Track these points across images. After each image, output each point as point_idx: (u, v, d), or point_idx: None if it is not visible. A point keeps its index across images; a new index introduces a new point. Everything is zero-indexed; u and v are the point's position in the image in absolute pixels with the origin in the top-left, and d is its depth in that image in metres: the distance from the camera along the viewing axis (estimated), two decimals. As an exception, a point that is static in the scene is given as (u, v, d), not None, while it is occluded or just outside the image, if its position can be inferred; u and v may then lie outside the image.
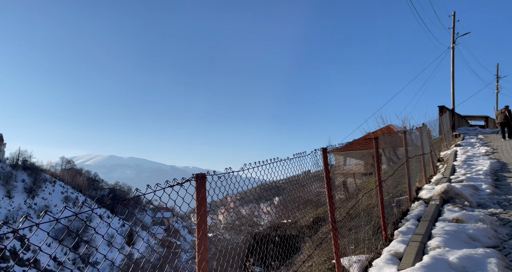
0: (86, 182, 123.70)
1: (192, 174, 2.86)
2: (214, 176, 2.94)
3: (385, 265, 4.21)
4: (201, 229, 2.84)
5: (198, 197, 2.92)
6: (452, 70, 25.92)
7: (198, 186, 2.89)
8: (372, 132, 21.67)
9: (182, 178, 2.73)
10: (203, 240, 2.75)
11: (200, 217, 2.86)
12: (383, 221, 5.69)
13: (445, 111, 22.46)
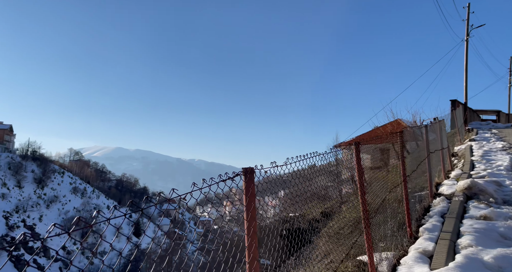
0: (94, 173, 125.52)
1: (242, 168, 2.76)
2: (261, 170, 2.85)
3: (415, 263, 4.11)
4: (252, 227, 2.68)
5: (248, 192, 2.78)
6: (465, 63, 25.36)
7: (248, 181, 2.76)
8: (381, 126, 21.40)
9: (233, 172, 2.66)
10: (254, 238, 2.62)
11: (250, 214, 2.72)
12: (407, 218, 5.54)
13: (457, 105, 22.08)
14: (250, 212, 2.70)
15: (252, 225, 2.63)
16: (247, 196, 2.75)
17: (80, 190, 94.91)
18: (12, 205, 71.92)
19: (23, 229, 68.92)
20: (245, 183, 2.70)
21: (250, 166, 2.69)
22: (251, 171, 2.68)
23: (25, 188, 79.09)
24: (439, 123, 10.76)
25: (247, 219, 2.68)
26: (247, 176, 2.69)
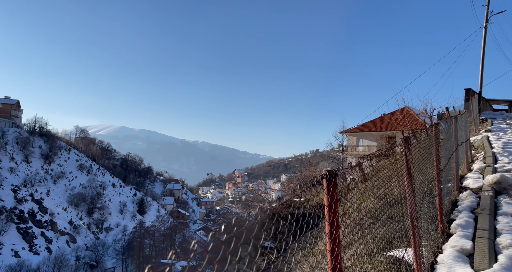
0: (99, 151, 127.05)
1: (325, 170, 2.47)
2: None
3: (455, 263, 3.96)
4: (337, 235, 2.40)
5: (331, 199, 2.42)
6: (482, 51, 24.55)
7: (332, 185, 2.42)
8: (390, 113, 21.13)
9: (314, 177, 2.36)
10: (339, 248, 2.37)
11: (331, 224, 2.39)
12: (440, 213, 5.38)
13: (472, 94, 21.56)
14: (333, 221, 2.38)
15: (337, 234, 2.40)
16: (328, 205, 2.40)
17: (86, 167, 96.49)
18: (20, 179, 73.55)
19: (31, 203, 70.82)
20: (326, 188, 2.36)
21: (332, 169, 2.40)
22: (334, 174, 2.37)
23: (32, 163, 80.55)
24: (464, 114, 10.49)
25: (328, 229, 2.40)
26: (329, 180, 2.39)
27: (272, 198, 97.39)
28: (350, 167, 2.99)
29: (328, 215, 2.44)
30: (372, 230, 5.08)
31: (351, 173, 3.06)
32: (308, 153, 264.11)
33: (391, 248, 4.71)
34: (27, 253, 59.88)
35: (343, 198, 3.10)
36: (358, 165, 3.43)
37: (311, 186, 2.40)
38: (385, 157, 9.33)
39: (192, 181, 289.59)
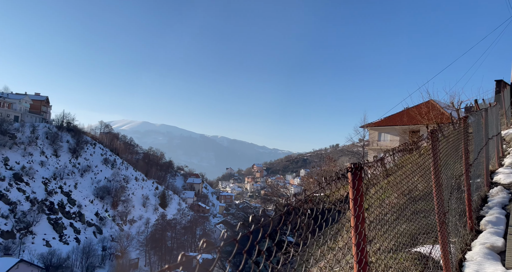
0: (122, 146, 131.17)
1: (350, 163, 2.45)
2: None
3: (485, 260, 3.84)
4: (363, 229, 2.36)
5: (357, 192, 2.37)
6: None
7: (357, 179, 2.37)
8: (413, 106, 20.43)
9: (339, 170, 2.37)
10: (364, 242, 2.34)
11: (356, 218, 2.35)
12: (468, 209, 5.22)
13: (503, 85, 20.43)
14: (358, 214, 2.35)
15: (363, 228, 2.37)
16: (356, 196, 2.36)
17: (110, 161, 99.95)
18: (50, 172, 77.30)
19: (61, 195, 74.36)
20: (352, 182, 2.33)
21: (358, 162, 2.35)
22: (360, 167, 2.31)
23: (61, 157, 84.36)
24: (496, 106, 9.98)
25: (353, 223, 2.36)
26: (354, 173, 2.35)
27: (291, 193, 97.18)
28: (376, 160, 2.89)
29: (353, 209, 2.39)
30: (396, 226, 4.93)
31: (375, 168, 2.96)
32: (328, 148, 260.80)
33: (416, 244, 4.57)
34: (58, 242, 63.09)
35: (368, 193, 3.00)
36: (382, 158, 3.32)
37: (336, 179, 2.35)
38: (409, 152, 8.94)
39: (212, 175, 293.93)
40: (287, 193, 74.17)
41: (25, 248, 56.03)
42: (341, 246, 4.66)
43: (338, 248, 3.75)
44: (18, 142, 75.53)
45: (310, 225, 2.75)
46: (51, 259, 52.40)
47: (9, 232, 57.71)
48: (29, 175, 71.47)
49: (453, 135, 5.78)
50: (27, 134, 79.63)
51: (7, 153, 71.52)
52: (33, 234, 60.88)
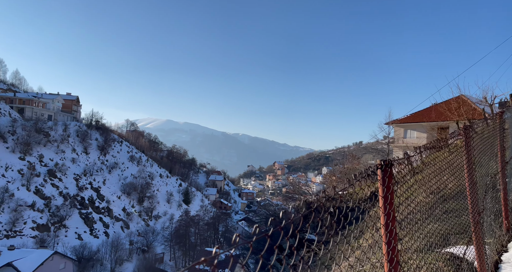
0: (147, 143, 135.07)
1: (379, 160, 2.41)
2: None
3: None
4: (393, 227, 2.30)
5: (387, 190, 2.32)
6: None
7: (387, 176, 2.31)
8: (442, 102, 19.59)
9: (369, 168, 2.34)
10: (395, 241, 2.29)
11: (387, 216, 2.30)
12: (504, 210, 5.05)
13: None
14: (388, 213, 2.30)
15: (393, 226, 2.32)
16: (387, 194, 2.32)
17: (136, 159, 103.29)
18: (81, 169, 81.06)
19: (91, 191, 77.85)
20: (382, 179, 2.28)
21: (388, 158, 2.30)
22: (390, 164, 2.26)
23: (90, 154, 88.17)
24: None
25: (383, 221, 2.32)
26: (384, 170, 2.29)
27: (313, 190, 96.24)
28: (406, 157, 2.83)
29: (383, 207, 2.36)
30: (425, 225, 4.76)
31: (405, 165, 2.90)
32: (351, 146, 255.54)
33: (447, 244, 4.40)
34: (88, 236, 66.18)
35: (395, 191, 2.93)
36: (412, 156, 3.24)
37: (366, 176, 2.33)
38: (438, 149, 8.59)
39: (233, 172, 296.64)
40: (309, 191, 73.53)
41: (59, 241, 59.19)
42: (370, 243, 4.56)
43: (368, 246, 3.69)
44: (51, 140, 79.67)
45: (334, 223, 2.74)
46: (83, 252, 55.05)
47: (44, 225, 61.17)
48: (62, 171, 75.26)
49: (487, 132, 5.50)
50: (60, 132, 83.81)
51: (42, 150, 75.67)
52: (66, 228, 64.18)
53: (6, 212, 57.42)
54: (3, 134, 70.04)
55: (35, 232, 58.37)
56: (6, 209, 57.89)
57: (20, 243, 51.20)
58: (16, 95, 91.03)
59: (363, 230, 6.33)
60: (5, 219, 56.21)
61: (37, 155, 73.49)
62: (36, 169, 70.44)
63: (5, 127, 71.96)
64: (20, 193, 62.62)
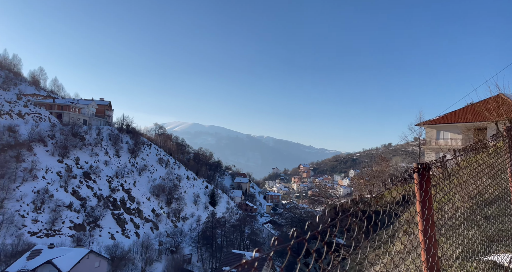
0: (175, 146, 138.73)
1: (416, 164, 2.35)
2: None
3: None
4: (433, 233, 2.26)
5: (425, 194, 2.26)
6: None
7: (425, 180, 2.26)
8: (480, 101, 18.56)
9: (405, 172, 2.29)
10: (435, 248, 2.24)
11: (425, 221, 2.24)
12: None
13: None
14: (426, 218, 2.26)
15: (433, 232, 2.28)
16: (425, 199, 2.26)
17: (164, 161, 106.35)
18: (113, 171, 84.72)
19: (122, 192, 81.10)
20: (419, 183, 2.21)
21: (425, 162, 2.20)
22: (427, 167, 2.18)
23: (121, 157, 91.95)
24: None
25: (421, 227, 2.26)
26: (421, 174, 2.22)
27: (340, 194, 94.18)
28: (445, 160, 2.76)
29: (421, 212, 2.31)
30: (465, 232, 4.51)
31: (445, 168, 2.81)
32: (379, 148, 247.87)
33: (489, 252, 4.17)
34: (120, 236, 68.89)
35: (437, 195, 2.85)
36: (451, 158, 3.14)
37: (402, 180, 2.29)
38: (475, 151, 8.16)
39: (258, 175, 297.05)
40: (336, 194, 72.07)
41: (94, 240, 62.09)
42: (401, 249, 4.44)
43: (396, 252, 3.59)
44: (86, 143, 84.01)
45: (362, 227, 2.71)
46: (116, 251, 57.33)
47: (80, 225, 64.46)
48: (96, 173, 79.05)
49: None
50: (94, 136, 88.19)
51: (78, 153, 79.96)
52: (100, 228, 67.23)
53: (46, 212, 61.14)
54: (43, 138, 74.79)
55: (72, 231, 61.63)
56: (46, 209, 61.64)
57: (59, 242, 54.27)
58: (55, 101, 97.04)
59: (394, 235, 6.17)
60: (45, 218, 59.84)
61: (73, 158, 77.73)
62: (73, 171, 74.48)
63: (45, 132, 76.82)
64: (59, 194, 66.47)
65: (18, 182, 62.26)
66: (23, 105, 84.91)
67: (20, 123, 75.54)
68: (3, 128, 69.16)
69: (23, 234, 53.91)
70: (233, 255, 49.55)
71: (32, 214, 59.21)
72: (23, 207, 58.95)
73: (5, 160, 62.47)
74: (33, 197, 61.65)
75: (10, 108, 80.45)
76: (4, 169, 60.72)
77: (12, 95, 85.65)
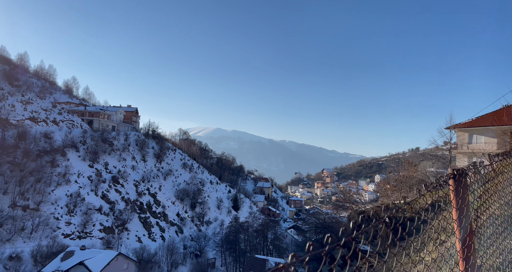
0: (198, 151, 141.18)
1: (451, 169, 2.28)
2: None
3: None
4: (472, 243, 2.21)
5: (462, 201, 2.20)
6: None
7: (461, 186, 2.20)
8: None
9: (439, 177, 2.23)
10: (474, 258, 2.20)
11: (463, 230, 2.18)
12: None
13: None
14: (467, 224, 2.21)
15: (472, 241, 2.23)
16: (462, 206, 2.19)
17: (188, 166, 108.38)
18: (139, 176, 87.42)
19: (148, 196, 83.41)
20: (455, 190, 2.16)
21: (461, 168, 2.12)
22: (464, 173, 2.11)
23: (148, 161, 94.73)
24: None
25: (459, 235, 2.22)
26: (457, 180, 2.16)
27: (366, 199, 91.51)
28: (484, 165, 2.69)
29: (458, 220, 2.26)
30: (502, 240, 4.31)
31: (487, 172, 2.73)
32: (406, 152, 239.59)
33: None
34: (147, 239, 70.69)
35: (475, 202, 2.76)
36: (490, 164, 3.04)
37: (437, 186, 2.24)
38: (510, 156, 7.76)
39: (281, 179, 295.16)
40: (361, 200, 70.19)
41: (122, 243, 64.12)
42: (434, 257, 4.31)
43: (433, 260, 3.49)
44: (115, 149, 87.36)
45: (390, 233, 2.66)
46: (143, 254, 58.86)
47: (109, 228, 66.84)
48: (124, 177, 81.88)
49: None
50: (122, 142, 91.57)
51: (107, 158, 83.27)
52: (127, 231, 69.36)
53: (78, 215, 63.95)
54: (76, 144, 78.61)
55: (102, 234, 63.99)
56: (78, 212, 64.49)
57: (90, 244, 56.50)
58: (86, 108, 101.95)
59: (425, 242, 5.96)
60: (77, 221, 62.60)
61: (103, 162, 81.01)
62: (102, 175, 77.58)
63: (77, 138, 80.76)
64: (90, 198, 69.40)
65: (53, 186, 65.64)
66: (58, 113, 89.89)
67: (55, 129, 79.92)
68: (40, 134, 73.40)
69: (57, 236, 56.62)
70: (256, 260, 49.40)
71: (66, 216, 62.13)
72: (58, 210, 62.02)
73: (41, 165, 66.19)
74: (66, 200, 64.74)
75: (46, 115, 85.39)
76: (41, 173, 64.31)
77: (48, 103, 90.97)
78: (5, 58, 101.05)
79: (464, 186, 2.39)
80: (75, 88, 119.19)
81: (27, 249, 50.09)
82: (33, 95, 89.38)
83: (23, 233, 53.64)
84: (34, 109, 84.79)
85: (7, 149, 63.33)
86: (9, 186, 58.44)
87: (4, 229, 52.03)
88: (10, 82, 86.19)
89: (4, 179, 58.65)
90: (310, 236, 72.02)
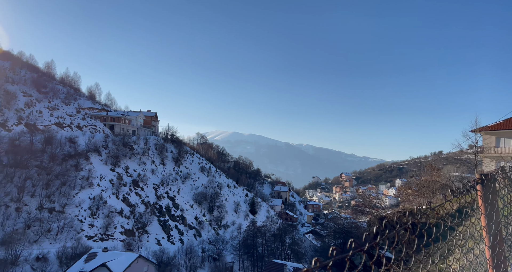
0: (216, 155, 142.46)
1: (478, 174, 2.20)
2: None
3: None
4: (502, 250, 2.13)
5: (491, 208, 2.12)
6: None
7: (490, 192, 2.13)
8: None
9: (466, 182, 2.18)
10: (505, 266, 2.13)
11: (492, 237, 2.13)
12: None
13: None
14: (497, 231, 2.15)
15: (502, 248, 2.16)
16: (491, 212, 2.14)
17: (206, 169, 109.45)
18: (158, 179, 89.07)
19: (167, 200, 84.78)
20: (483, 195, 2.10)
21: (489, 172, 2.05)
22: (492, 178, 2.02)
23: (166, 165, 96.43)
24: None
25: (487, 243, 2.16)
26: (489, 186, 2.08)
27: (386, 204, 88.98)
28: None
29: (487, 227, 2.20)
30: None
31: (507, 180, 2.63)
32: (428, 156, 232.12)
33: None
34: (166, 242, 71.72)
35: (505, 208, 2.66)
36: None
37: (464, 191, 2.18)
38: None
39: (298, 183, 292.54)
40: (381, 205, 68.38)
41: (142, 245, 65.35)
42: (461, 265, 4.18)
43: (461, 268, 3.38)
44: (135, 153, 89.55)
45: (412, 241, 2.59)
46: (162, 257, 59.72)
47: (130, 230, 68.33)
48: (143, 181, 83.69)
49: None
50: (141, 146, 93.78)
51: (128, 162, 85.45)
52: (147, 233, 70.67)
53: (100, 217, 65.81)
54: (98, 149, 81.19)
55: (123, 236, 65.50)
56: (100, 215, 66.37)
57: (111, 246, 57.94)
58: (108, 114, 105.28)
59: (452, 249, 5.78)
60: (100, 223, 64.41)
61: (124, 166, 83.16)
62: (123, 179, 79.60)
63: (99, 142, 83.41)
64: (111, 201, 71.30)
65: (77, 189, 67.95)
66: (81, 118, 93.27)
67: (79, 134, 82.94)
68: (65, 139, 76.36)
69: (81, 238, 58.43)
70: (274, 264, 49.02)
71: (89, 219, 64.08)
72: (81, 213, 64.07)
73: (66, 168, 68.75)
74: (89, 203, 66.81)
75: (70, 121, 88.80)
76: (66, 177, 66.77)
77: (72, 109, 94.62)
78: (34, 66, 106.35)
79: (493, 191, 2.33)
80: (97, 94, 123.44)
81: (53, 250, 51.96)
82: (59, 101, 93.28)
83: (49, 235, 55.71)
84: (60, 114, 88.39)
85: (35, 154, 66.26)
86: (37, 189, 60.98)
87: (31, 230, 54.24)
88: (38, 89, 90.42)
89: (32, 183, 61.28)
90: (329, 241, 70.73)
